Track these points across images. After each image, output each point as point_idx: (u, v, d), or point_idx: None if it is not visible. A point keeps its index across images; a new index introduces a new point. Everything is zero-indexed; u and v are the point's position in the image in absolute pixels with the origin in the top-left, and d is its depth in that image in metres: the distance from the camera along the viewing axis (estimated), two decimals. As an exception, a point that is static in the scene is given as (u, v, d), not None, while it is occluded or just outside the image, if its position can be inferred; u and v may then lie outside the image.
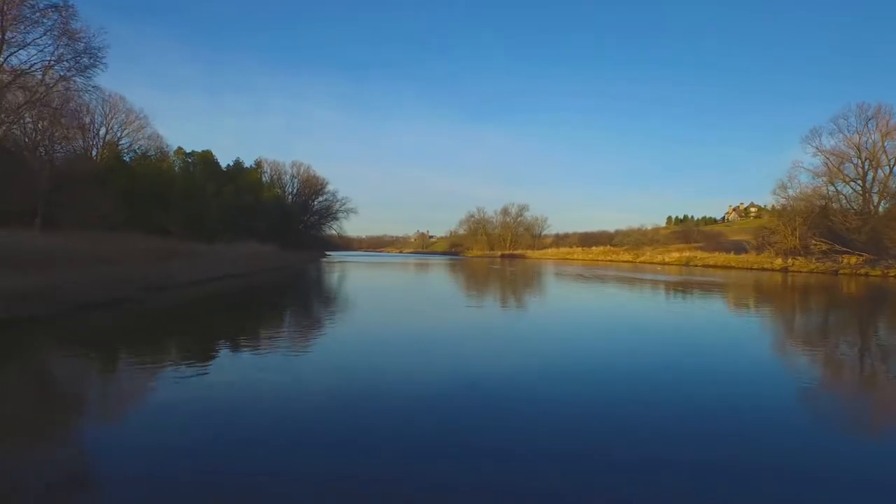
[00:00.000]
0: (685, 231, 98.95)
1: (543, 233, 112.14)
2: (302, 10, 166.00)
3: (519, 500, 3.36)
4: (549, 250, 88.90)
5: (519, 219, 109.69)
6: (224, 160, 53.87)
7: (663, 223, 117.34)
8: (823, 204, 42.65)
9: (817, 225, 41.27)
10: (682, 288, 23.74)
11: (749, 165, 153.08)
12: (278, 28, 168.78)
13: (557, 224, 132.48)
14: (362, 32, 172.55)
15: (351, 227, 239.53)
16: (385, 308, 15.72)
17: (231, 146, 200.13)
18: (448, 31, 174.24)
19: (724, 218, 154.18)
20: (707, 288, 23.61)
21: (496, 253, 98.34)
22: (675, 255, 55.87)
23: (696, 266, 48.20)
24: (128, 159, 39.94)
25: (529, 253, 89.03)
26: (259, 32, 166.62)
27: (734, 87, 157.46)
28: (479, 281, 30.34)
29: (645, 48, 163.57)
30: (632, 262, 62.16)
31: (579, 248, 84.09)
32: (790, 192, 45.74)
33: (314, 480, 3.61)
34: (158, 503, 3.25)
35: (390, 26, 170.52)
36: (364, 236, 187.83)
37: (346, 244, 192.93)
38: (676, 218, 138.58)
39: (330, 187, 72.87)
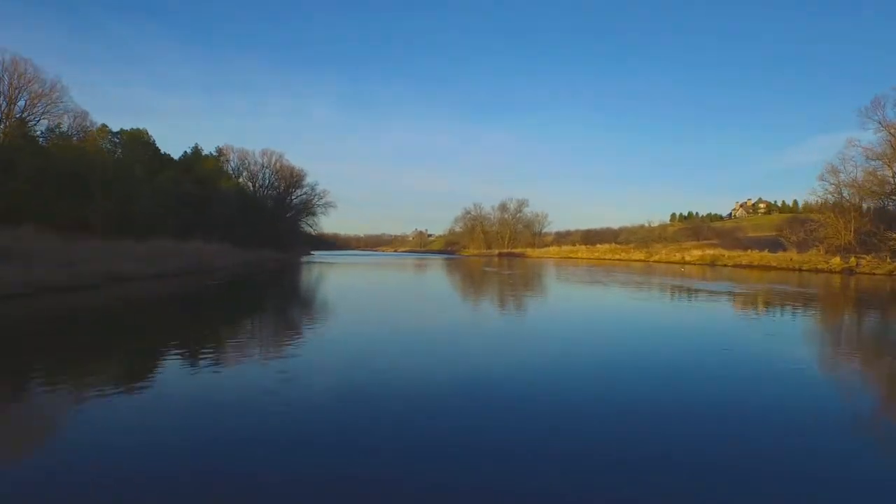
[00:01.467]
0: (695, 227, 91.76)
1: (544, 230, 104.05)
2: (300, 9, 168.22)
3: (519, 500, 3.37)
4: (551, 248, 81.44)
5: (518, 215, 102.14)
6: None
7: (666, 220, 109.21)
8: (889, 190, 34.02)
9: (882, 217, 32.69)
10: (778, 308, 15.07)
11: (748, 164, 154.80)
12: (277, 27, 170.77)
13: (558, 222, 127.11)
14: (360, 31, 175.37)
15: (349, 225, 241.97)
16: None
17: (230, 145, 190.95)
18: (446, 30, 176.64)
19: (730, 214, 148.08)
20: (805, 304, 15.16)
21: (493, 251, 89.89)
22: (696, 253, 48.10)
23: (726, 266, 39.73)
24: (43, 140, 31.38)
25: (529, 251, 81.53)
26: (258, 32, 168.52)
27: (732, 86, 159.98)
28: (462, 290, 21.77)
29: (643, 47, 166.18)
30: (645, 261, 53.90)
31: (583, 247, 75.91)
32: (843, 177, 37.12)
33: (314, 481, 3.64)
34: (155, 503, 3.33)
35: (389, 25, 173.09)
36: (362, 235, 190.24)
37: (342, 243, 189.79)
38: (681, 214, 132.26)
39: (309, 179, 64.52)
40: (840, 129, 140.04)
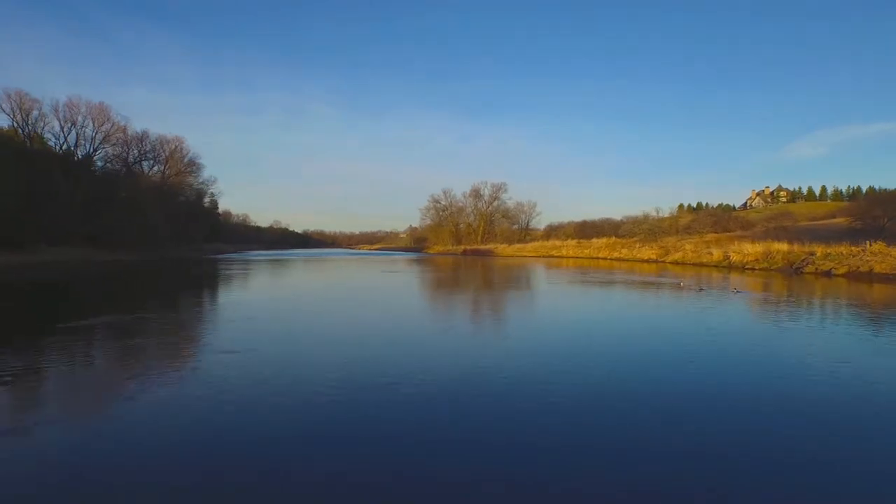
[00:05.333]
0: (717, 217, 69.20)
1: (531, 222, 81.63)
2: (298, 7, 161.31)
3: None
4: (529, 245, 59.05)
5: (495, 202, 78.48)
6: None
7: (675, 211, 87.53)
8: None
9: None
10: None
11: (748, 159, 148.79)
12: (275, 25, 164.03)
13: (555, 218, 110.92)
14: (359, 29, 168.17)
15: (346, 222, 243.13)
16: None
17: (230, 144, 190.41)
18: (445, 28, 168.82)
19: (745, 204, 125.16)
20: None
21: (458, 248, 67.70)
22: (752, 249, 25.61)
23: (836, 275, 16.85)
24: None
25: (502, 249, 58.56)
26: (255, 30, 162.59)
27: (731, 84, 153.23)
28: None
29: (641, 47, 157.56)
30: (659, 261, 31.93)
31: (573, 241, 53.51)
32: None
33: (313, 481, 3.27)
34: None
35: (387, 23, 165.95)
36: (357, 232, 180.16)
37: (329, 240, 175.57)
38: (689, 206, 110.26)
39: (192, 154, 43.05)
40: (840, 123, 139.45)
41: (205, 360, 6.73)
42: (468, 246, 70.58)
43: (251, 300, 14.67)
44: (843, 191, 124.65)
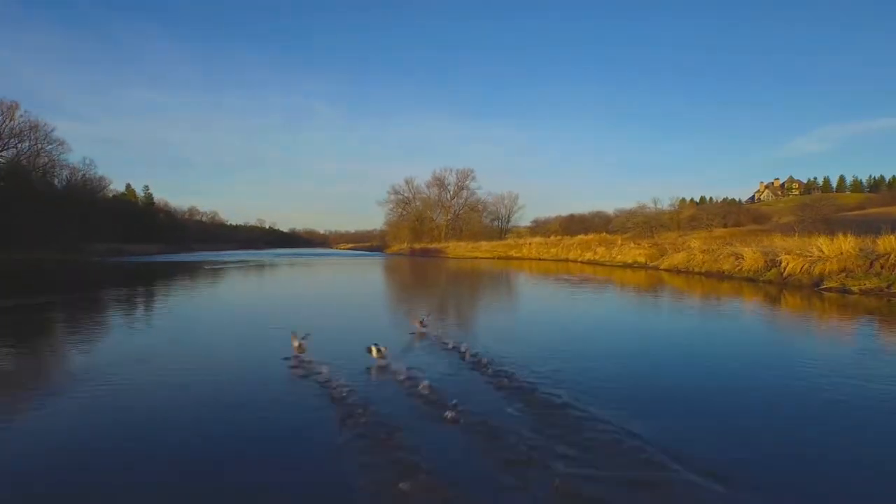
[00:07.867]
0: (727, 208, 56.79)
1: (513, 217, 68.02)
2: (298, 7, 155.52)
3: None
4: (485, 244, 44.98)
5: (463, 193, 64.37)
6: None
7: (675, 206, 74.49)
8: None
9: None
10: None
11: (749, 155, 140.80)
12: (277, 25, 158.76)
13: (548, 214, 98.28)
14: (360, 29, 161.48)
15: (345, 221, 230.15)
16: None
17: (233, 144, 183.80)
18: (446, 30, 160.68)
19: (753, 198, 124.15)
20: None
21: (406, 248, 53.99)
22: (841, 247, 11.07)
23: None
24: None
25: (452, 247, 44.84)
26: (257, 30, 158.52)
27: (732, 82, 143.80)
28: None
29: (639, 45, 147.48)
30: (649, 266, 17.23)
31: (538, 240, 39.61)
32: None
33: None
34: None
35: (388, 23, 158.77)
36: (352, 231, 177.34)
37: (322, 240, 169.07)
38: (692, 200, 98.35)
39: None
40: (842, 120, 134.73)
41: None
42: (419, 245, 56.56)
43: None
44: (864, 181, 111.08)
